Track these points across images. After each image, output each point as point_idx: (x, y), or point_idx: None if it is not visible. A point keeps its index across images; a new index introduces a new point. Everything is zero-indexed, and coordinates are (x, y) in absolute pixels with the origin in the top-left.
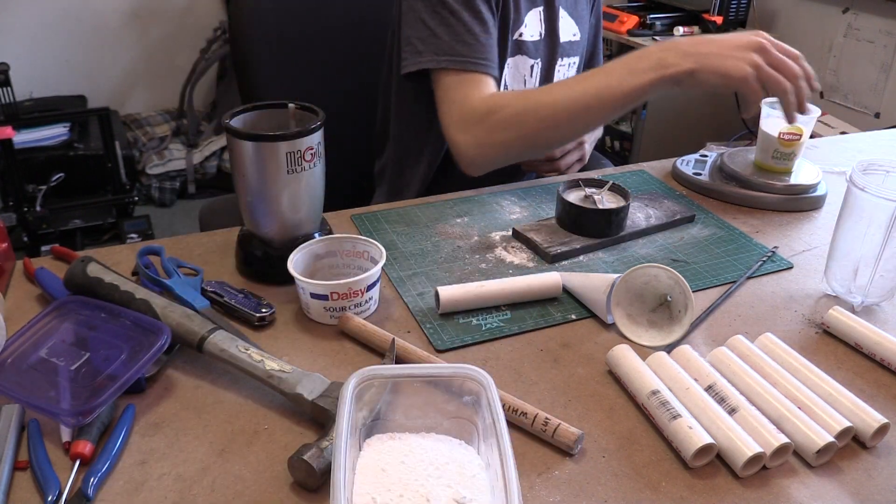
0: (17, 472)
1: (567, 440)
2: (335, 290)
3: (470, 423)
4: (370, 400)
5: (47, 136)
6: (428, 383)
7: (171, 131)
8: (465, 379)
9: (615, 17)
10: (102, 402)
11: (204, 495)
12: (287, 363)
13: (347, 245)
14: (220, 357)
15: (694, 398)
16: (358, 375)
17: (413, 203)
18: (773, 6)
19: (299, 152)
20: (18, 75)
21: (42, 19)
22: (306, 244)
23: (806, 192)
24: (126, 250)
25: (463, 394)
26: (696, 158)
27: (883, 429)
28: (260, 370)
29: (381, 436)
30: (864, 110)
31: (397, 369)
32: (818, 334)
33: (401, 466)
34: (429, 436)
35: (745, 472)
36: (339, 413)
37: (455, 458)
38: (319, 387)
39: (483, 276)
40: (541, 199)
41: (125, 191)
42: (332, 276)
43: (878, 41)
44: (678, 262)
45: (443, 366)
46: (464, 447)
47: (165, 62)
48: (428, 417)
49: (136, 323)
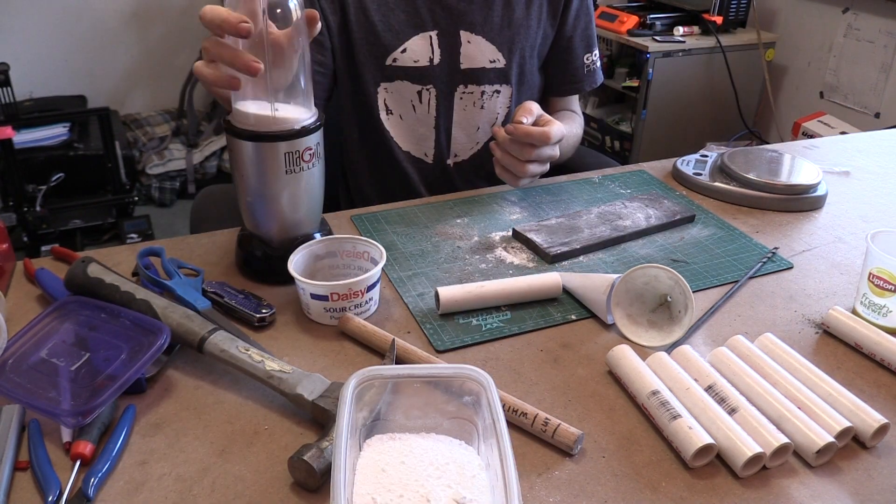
0: (17, 473)
1: (567, 440)
2: (335, 290)
3: (470, 424)
4: (370, 400)
5: (47, 136)
6: (428, 384)
7: (171, 131)
8: (465, 379)
9: (615, 17)
10: (102, 403)
11: (204, 496)
12: (287, 364)
13: (348, 246)
14: (220, 357)
15: (694, 398)
16: (358, 376)
17: (413, 203)
18: (773, 6)
19: (298, 152)
20: (18, 75)
21: (42, 19)
22: (306, 245)
23: (806, 192)
24: (126, 250)
25: (463, 394)
26: (696, 158)
27: (883, 429)
28: (260, 370)
29: (381, 436)
30: (864, 110)
31: (397, 370)
32: (818, 334)
33: (401, 467)
34: (429, 436)
35: (745, 472)
36: (339, 413)
37: (455, 459)
38: (320, 387)
39: (483, 277)
40: (541, 200)
41: (125, 191)
42: (332, 276)
43: (878, 41)
44: (678, 262)
45: (443, 366)
46: (464, 447)
47: (165, 62)
48: (428, 418)
49: (136, 323)
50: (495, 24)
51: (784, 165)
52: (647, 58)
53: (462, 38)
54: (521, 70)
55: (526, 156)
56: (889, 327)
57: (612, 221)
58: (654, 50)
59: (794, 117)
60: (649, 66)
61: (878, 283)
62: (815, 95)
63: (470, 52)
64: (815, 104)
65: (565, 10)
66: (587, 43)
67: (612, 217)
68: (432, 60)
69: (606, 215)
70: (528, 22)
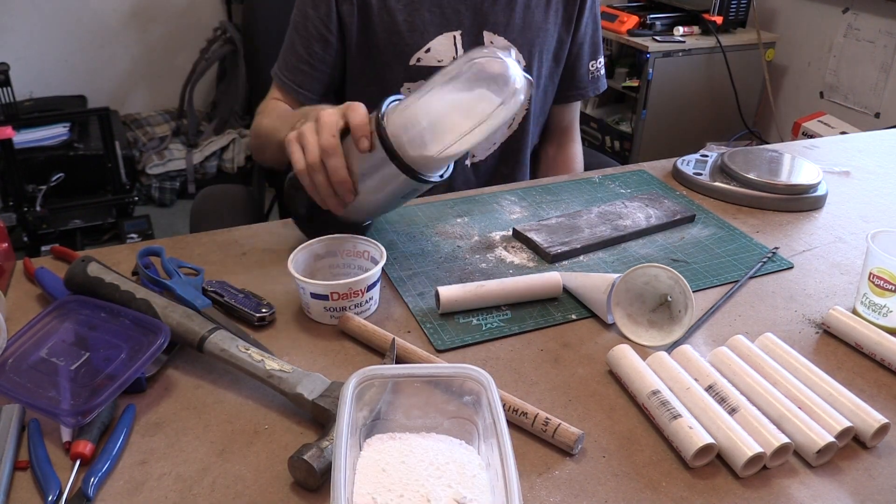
0: (17, 473)
1: (567, 440)
2: (335, 290)
3: (470, 423)
4: (370, 400)
5: (47, 136)
6: (428, 383)
7: (171, 131)
8: (465, 379)
9: (615, 17)
10: (102, 402)
11: (204, 495)
12: (287, 363)
13: (348, 245)
14: (220, 357)
15: (694, 398)
16: (358, 375)
17: (413, 203)
18: (773, 6)
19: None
20: (18, 75)
21: (42, 19)
22: (306, 244)
23: (806, 192)
24: (126, 250)
25: (463, 394)
26: (696, 158)
27: (883, 429)
28: (260, 370)
29: (382, 436)
30: (864, 110)
31: (398, 369)
32: (818, 334)
33: (401, 466)
34: (429, 436)
35: (746, 472)
36: (339, 413)
37: (455, 458)
38: (320, 387)
39: (483, 276)
40: (541, 199)
41: (125, 191)
42: (332, 276)
43: (878, 41)
44: (678, 262)
45: (443, 366)
46: (464, 447)
47: (165, 62)
48: (428, 417)
49: (136, 322)
50: (517, 26)
51: (784, 165)
52: (648, 58)
53: (486, 38)
54: (538, 73)
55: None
56: (889, 327)
57: (613, 221)
58: (655, 50)
59: (794, 117)
60: (649, 66)
61: (878, 283)
62: (816, 95)
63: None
64: (815, 104)
65: (579, 16)
66: (594, 49)
67: (613, 217)
68: (455, 60)
69: (607, 215)
70: (546, 25)
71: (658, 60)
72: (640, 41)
